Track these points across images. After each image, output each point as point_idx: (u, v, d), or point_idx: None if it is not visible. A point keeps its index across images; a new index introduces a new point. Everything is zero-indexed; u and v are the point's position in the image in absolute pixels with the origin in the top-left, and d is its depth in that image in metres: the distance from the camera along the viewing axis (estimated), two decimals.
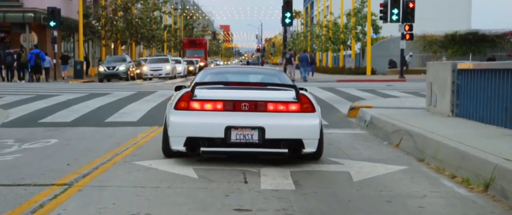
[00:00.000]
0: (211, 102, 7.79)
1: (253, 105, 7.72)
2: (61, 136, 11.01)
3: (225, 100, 7.77)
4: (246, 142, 7.64)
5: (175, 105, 7.87)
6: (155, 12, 65.02)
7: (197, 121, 7.70)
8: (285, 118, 7.76)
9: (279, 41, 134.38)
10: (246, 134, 7.63)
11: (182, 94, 7.91)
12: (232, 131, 7.60)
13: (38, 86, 28.32)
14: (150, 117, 14.24)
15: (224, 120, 7.62)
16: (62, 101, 17.78)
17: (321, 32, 68.36)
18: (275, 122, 7.67)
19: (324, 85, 28.69)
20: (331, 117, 14.57)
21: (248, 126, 7.62)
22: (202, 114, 7.76)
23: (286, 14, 40.29)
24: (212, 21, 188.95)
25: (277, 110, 7.77)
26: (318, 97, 20.33)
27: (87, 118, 13.95)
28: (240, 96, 7.85)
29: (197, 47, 70.65)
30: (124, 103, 17.24)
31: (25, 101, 17.70)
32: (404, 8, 36.27)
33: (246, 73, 10.32)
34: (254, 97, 7.81)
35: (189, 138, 7.67)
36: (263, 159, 8.13)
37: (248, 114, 7.69)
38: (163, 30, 76.18)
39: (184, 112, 7.78)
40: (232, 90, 8.13)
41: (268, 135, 7.59)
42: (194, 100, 7.79)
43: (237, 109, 7.71)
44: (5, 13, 43.09)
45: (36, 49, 36.63)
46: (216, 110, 7.75)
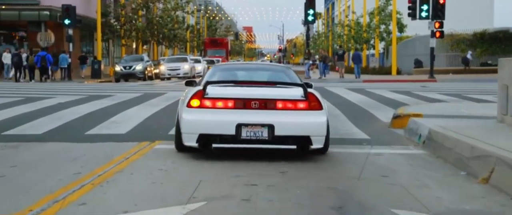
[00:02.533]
0: (223, 100, 7.63)
1: (262, 103, 7.59)
2: (9, 158, 7.70)
3: (236, 98, 7.61)
4: (256, 139, 7.50)
5: (187, 103, 7.70)
6: (178, 12, 61.75)
7: (209, 118, 7.55)
8: (294, 115, 7.62)
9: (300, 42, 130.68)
10: (256, 131, 7.48)
11: (195, 93, 7.76)
12: (243, 128, 7.45)
13: (38, 87, 25.17)
14: (144, 127, 10.84)
15: (235, 118, 7.48)
16: (49, 106, 14.50)
17: (342, 32, 64.68)
18: (284, 119, 7.52)
19: (352, 86, 25.09)
20: (371, 127, 11.05)
21: (258, 123, 7.46)
22: (214, 111, 7.59)
23: (308, 12, 36.79)
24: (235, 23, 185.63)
25: (286, 108, 7.64)
26: (348, 100, 16.79)
27: (65, 129, 10.59)
28: (250, 94, 7.70)
29: (218, 47, 67.25)
30: (121, 109, 13.88)
31: (6, 106, 14.45)
32: (434, 4, 32.46)
33: (254, 70, 10.31)
34: (264, 95, 7.69)
35: (201, 135, 7.52)
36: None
37: (258, 112, 7.55)
38: (186, 30, 73.01)
39: (197, 110, 7.63)
40: (243, 88, 7.96)
41: (277, 132, 7.44)
42: (206, 98, 7.62)
43: (247, 106, 7.57)
44: (21, 12, 40.10)
45: (43, 52, 33.67)
46: (227, 108, 7.60)
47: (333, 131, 10.53)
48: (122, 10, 48.10)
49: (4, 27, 41.90)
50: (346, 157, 8.02)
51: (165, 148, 8.54)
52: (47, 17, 39.65)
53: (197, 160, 7.60)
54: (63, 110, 13.57)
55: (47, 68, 33.17)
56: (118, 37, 49.83)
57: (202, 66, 45.82)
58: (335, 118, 12.67)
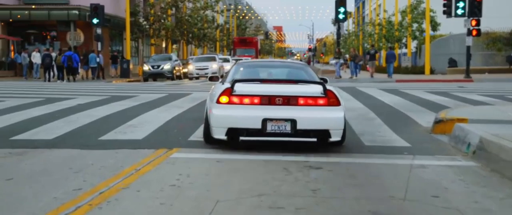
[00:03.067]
0: (249, 97, 8.10)
1: (286, 99, 8.06)
2: (9, 169, 6.84)
3: (261, 95, 8.09)
4: (280, 132, 8.00)
5: (217, 100, 8.14)
6: (207, 11, 60.98)
7: (237, 113, 8.03)
8: (314, 111, 8.09)
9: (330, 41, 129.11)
10: (280, 125, 7.98)
11: (223, 90, 8.19)
12: (268, 123, 7.96)
13: (63, 87, 24.50)
14: (163, 132, 9.90)
15: (261, 113, 7.98)
16: (68, 107, 13.68)
17: (373, 31, 63.16)
18: (305, 114, 8.00)
19: (385, 86, 23.88)
20: (411, 133, 9.95)
21: (282, 118, 7.96)
22: (241, 107, 8.08)
23: (339, 10, 35.63)
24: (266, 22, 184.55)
25: (307, 104, 8.11)
26: (383, 102, 15.66)
27: (78, 133, 9.71)
28: (274, 91, 8.17)
29: (247, 46, 66.30)
30: (142, 111, 12.98)
31: (25, 107, 13.67)
32: (471, 1, 31.00)
33: (275, 66, 10.97)
34: (287, 93, 8.15)
35: (230, 129, 8.04)
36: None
37: (282, 108, 8.03)
38: (215, 30, 72.26)
39: (225, 105, 8.09)
40: (268, 86, 8.44)
41: (299, 126, 7.94)
42: (234, 95, 8.10)
43: (272, 103, 8.05)
44: (50, 11, 39.73)
45: (70, 52, 33.13)
46: (253, 104, 8.07)
47: (369, 138, 9.50)
48: (151, 9, 47.48)
49: (34, 27, 41.59)
50: (386, 170, 6.97)
51: (183, 157, 7.60)
52: (76, 16, 39.20)
53: (216, 173, 6.64)
54: (81, 112, 12.72)
55: (74, 68, 32.62)
56: (147, 36, 49.24)
57: (231, 65, 45.02)
58: (370, 122, 11.58)
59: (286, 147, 8.39)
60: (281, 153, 7.97)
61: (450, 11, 31.84)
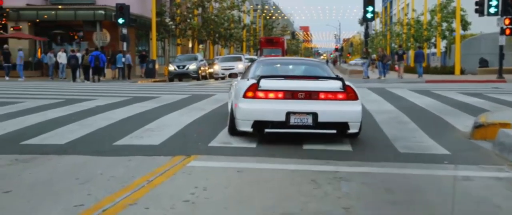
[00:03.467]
0: (274, 92, 8.60)
1: (307, 94, 8.56)
2: (10, 179, 6.24)
3: (285, 90, 8.59)
4: (302, 124, 8.48)
5: (243, 94, 8.61)
6: (234, 11, 60.37)
7: (263, 107, 8.53)
8: (334, 104, 8.57)
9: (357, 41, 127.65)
10: (303, 118, 8.47)
11: (250, 85, 8.66)
12: (291, 116, 8.45)
13: (87, 87, 24.03)
14: (182, 137, 9.22)
15: (285, 107, 8.48)
16: (86, 109, 13.09)
17: (401, 31, 61.91)
18: (326, 108, 8.50)
19: (415, 87, 22.92)
20: (449, 139, 9.12)
21: (304, 111, 8.46)
22: (267, 101, 8.57)
23: (367, 9, 34.69)
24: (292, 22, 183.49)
25: (327, 98, 8.60)
26: (415, 104, 14.80)
27: (92, 138, 9.08)
28: (297, 86, 8.70)
29: (274, 46, 65.32)
30: (162, 113, 12.32)
31: (42, 109, 13.12)
32: (504, 0, 29.84)
33: (292, 64, 11.35)
34: (308, 88, 8.65)
35: (256, 121, 8.54)
36: None
37: (304, 102, 8.53)
38: (242, 29, 71.67)
39: (251, 100, 8.58)
40: (291, 82, 8.98)
41: (321, 119, 8.44)
42: (260, 90, 8.58)
43: (295, 97, 8.55)
44: (77, 11, 39.47)
45: (96, 52, 32.73)
46: (278, 98, 8.57)
47: (403, 144, 8.69)
48: (177, 9, 47.02)
49: (61, 27, 41.40)
50: (427, 183, 6.18)
51: (201, 166, 6.90)
52: (102, 16, 38.87)
53: (236, 186, 5.92)
54: (99, 114, 12.11)
55: (101, 68, 32.25)
56: (173, 36, 48.81)
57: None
58: (404, 126, 10.75)
59: (313, 154, 7.65)
60: (309, 161, 7.23)
61: (482, 10, 30.71)
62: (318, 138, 9.02)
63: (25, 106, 13.71)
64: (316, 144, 8.60)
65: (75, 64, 32.41)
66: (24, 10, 39.65)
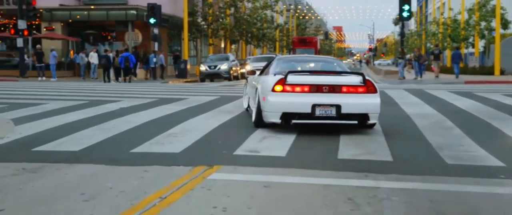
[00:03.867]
0: (300, 86, 9.23)
1: (331, 88, 9.24)
2: (9, 192, 5.55)
3: (311, 84, 9.25)
4: (326, 116, 9.15)
5: (272, 88, 9.24)
6: (267, 11, 59.56)
7: (290, 100, 9.19)
8: (356, 97, 9.28)
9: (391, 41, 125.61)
10: (327, 110, 9.13)
11: (278, 80, 9.30)
12: (317, 108, 9.10)
13: (115, 88, 23.48)
14: (205, 144, 8.44)
15: (311, 99, 9.13)
16: (108, 112, 12.43)
17: (437, 30, 60.25)
18: (348, 100, 9.20)
19: (455, 88, 21.78)
20: (501, 148, 8.15)
21: (329, 103, 9.14)
22: (294, 94, 9.22)
23: (403, 8, 33.45)
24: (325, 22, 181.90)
25: (349, 91, 9.29)
26: (457, 107, 13.79)
27: (109, 144, 8.36)
28: (321, 81, 9.39)
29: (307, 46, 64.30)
30: (187, 116, 11.57)
31: (61, 111, 12.50)
32: None
33: (310, 61, 12.03)
34: (332, 82, 9.36)
35: (284, 113, 9.20)
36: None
37: (328, 95, 9.21)
38: (275, 29, 70.83)
39: (279, 93, 9.23)
40: (315, 76, 9.69)
41: (343, 110, 9.14)
42: (287, 84, 9.22)
43: (319, 90, 9.22)
44: (109, 11, 39.16)
45: (127, 53, 32.30)
46: (304, 92, 9.21)
47: (450, 153, 7.75)
48: (209, 9, 46.44)
49: (93, 27, 41.21)
50: (484, 203, 5.25)
51: (223, 180, 6.09)
52: (134, 16, 38.51)
53: (261, 205, 5.10)
54: (121, 117, 11.43)
55: (130, 69, 31.80)
56: (206, 36, 48.24)
57: None
58: (448, 132, 9.79)
59: (349, 164, 6.79)
60: (344, 174, 6.37)
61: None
62: (355, 146, 8.16)
63: (46, 108, 13.13)
64: (352, 152, 7.73)
65: (107, 64, 32.04)
66: (57, 11, 39.54)
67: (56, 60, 34.24)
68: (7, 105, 13.78)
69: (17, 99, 15.69)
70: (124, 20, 38.77)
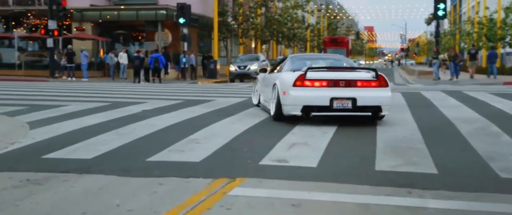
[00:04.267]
0: (319, 81, 9.92)
1: (347, 82, 9.94)
2: (7, 208, 4.86)
3: (328, 79, 9.94)
4: (343, 108, 9.88)
5: (293, 84, 9.92)
6: (297, 11, 58.64)
7: (310, 94, 9.90)
8: (370, 91, 10.02)
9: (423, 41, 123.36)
10: (344, 103, 9.85)
11: (298, 76, 9.96)
12: (334, 101, 9.82)
13: (142, 89, 22.93)
14: (229, 151, 7.67)
15: (329, 93, 9.85)
16: (129, 115, 11.75)
17: (472, 30, 58.51)
18: (363, 94, 9.93)
19: (495, 90, 20.64)
20: None
21: (345, 97, 9.85)
22: (313, 89, 9.91)
23: (439, 6, 32.27)
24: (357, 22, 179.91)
25: (364, 85, 10.01)
26: (502, 110, 12.81)
27: (124, 151, 7.65)
28: (338, 76, 10.07)
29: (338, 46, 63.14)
30: (212, 120, 10.83)
31: (81, 114, 11.87)
32: None
33: (321, 58, 12.99)
34: (348, 77, 10.07)
35: (304, 106, 9.94)
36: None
37: (345, 89, 9.91)
38: (306, 29, 69.85)
39: (300, 88, 9.91)
40: (332, 72, 10.30)
41: (359, 103, 9.88)
42: (307, 80, 9.90)
43: (336, 85, 9.93)
44: (138, 11, 38.77)
45: (156, 53, 31.84)
46: (322, 86, 9.92)
47: (502, 165, 6.82)
48: (239, 9, 45.77)
49: (123, 27, 40.90)
50: None
51: (246, 196, 5.32)
52: (163, 16, 38.03)
53: None
54: (142, 120, 10.74)
55: (160, 70, 31.30)
56: (236, 36, 47.58)
57: None
58: (496, 139, 8.84)
59: (389, 177, 5.95)
60: (384, 189, 5.55)
61: None
62: (393, 154, 7.31)
63: (66, 110, 12.53)
64: (391, 162, 6.88)
65: (139, 65, 31.55)
66: (87, 11, 39.31)
67: (87, 60, 33.98)
68: (28, 107, 13.24)
69: (40, 100, 15.18)
70: (154, 20, 38.33)
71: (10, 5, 40.83)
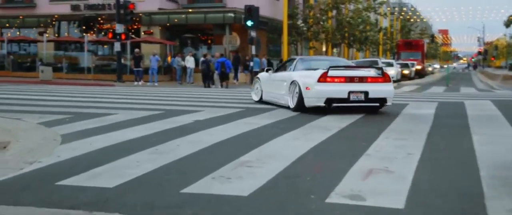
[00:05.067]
0: (338, 78, 12.21)
1: (361, 79, 12.25)
2: None
3: (346, 76, 12.27)
4: (358, 100, 12.16)
5: (317, 80, 12.09)
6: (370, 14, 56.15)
7: (332, 88, 12.11)
8: (378, 85, 12.35)
9: (502, 44, 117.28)
10: (358, 95, 12.12)
11: (321, 74, 12.16)
12: (351, 94, 12.08)
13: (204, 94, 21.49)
14: (288, 180, 5.90)
15: (347, 88, 12.12)
16: (178, 126, 10.16)
17: None
18: (373, 88, 12.24)
19: None
20: None
21: (359, 90, 12.15)
22: (334, 84, 12.14)
23: None
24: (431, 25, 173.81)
25: (373, 81, 12.35)
26: None
27: (155, 177, 6.02)
28: (353, 74, 12.40)
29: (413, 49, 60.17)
30: (270, 135, 9.07)
31: (125, 125, 10.35)
32: None
33: (324, 60, 14.99)
34: (360, 74, 12.41)
35: (327, 98, 12.10)
36: None
37: (359, 84, 12.22)
38: (378, 32, 67.11)
39: (324, 83, 12.10)
40: (348, 71, 12.77)
41: (370, 95, 12.18)
42: (329, 76, 12.11)
43: (352, 81, 12.22)
44: (206, 14, 37.57)
45: (223, 58, 30.43)
46: (341, 82, 12.18)
47: None
48: (310, 12, 43.89)
49: (191, 31, 39.87)
50: None
51: None
52: (231, 19, 36.66)
53: None
54: (189, 134, 9.12)
55: (227, 74, 29.89)
56: (306, 39, 45.73)
57: (395, 70, 39.60)
58: None
59: None
60: None
61: None
62: (508, 189, 5.36)
63: (111, 120, 11.10)
64: (509, 204, 4.94)
65: (206, 70, 30.28)
66: (156, 15, 38.53)
67: (157, 64, 33.00)
68: (72, 115, 11.93)
69: (89, 107, 13.89)
70: (222, 23, 37.03)
71: (81, 10, 40.64)
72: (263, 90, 15.29)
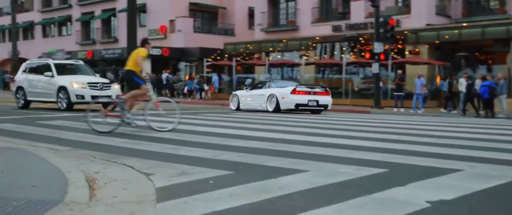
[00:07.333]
0: (302, 91, 21.76)
1: (314, 92, 22.13)
2: None
3: (306, 90, 22.01)
4: (313, 105, 21.72)
5: (290, 92, 21.54)
6: None
7: (299, 98, 21.53)
8: (324, 97, 22.25)
9: None
10: (313, 102, 21.69)
11: (293, 89, 21.69)
12: (309, 101, 21.61)
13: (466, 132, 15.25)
14: None
15: (307, 97, 21.67)
16: None
17: None
18: (321, 98, 22.07)
19: None
20: None
21: (314, 99, 21.78)
22: (300, 95, 21.58)
23: None
24: None
25: (321, 94, 22.32)
26: None
27: None
28: (310, 89, 22.33)
29: None
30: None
31: (308, 200, 5.43)
32: None
33: (285, 81, 27.81)
34: (314, 90, 22.44)
35: (296, 104, 21.49)
36: None
37: (313, 96, 21.89)
38: None
39: (294, 95, 21.49)
40: (307, 88, 22.59)
41: (320, 103, 21.92)
42: (297, 91, 21.64)
43: (309, 94, 21.85)
44: (484, 28, 30.51)
45: (488, 81, 23.44)
46: (304, 94, 21.69)
47: None
48: None
49: (465, 49, 32.91)
50: None
51: None
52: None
53: None
54: None
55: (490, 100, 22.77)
56: None
57: None
58: None
59: None
60: None
61: None
62: None
63: (277, 186, 6.20)
64: None
65: (475, 93, 23.75)
66: (423, 32, 32.79)
67: (422, 89, 27.14)
68: (241, 165, 7.39)
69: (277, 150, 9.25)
70: (504, 37, 29.64)
71: (342, 30, 36.97)
72: (240, 102, 23.96)
